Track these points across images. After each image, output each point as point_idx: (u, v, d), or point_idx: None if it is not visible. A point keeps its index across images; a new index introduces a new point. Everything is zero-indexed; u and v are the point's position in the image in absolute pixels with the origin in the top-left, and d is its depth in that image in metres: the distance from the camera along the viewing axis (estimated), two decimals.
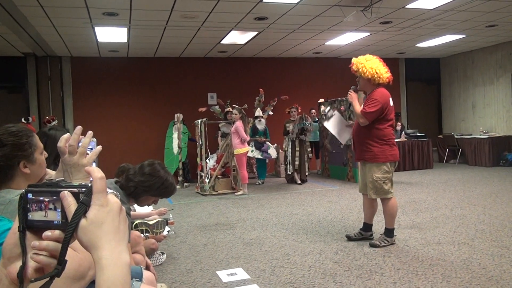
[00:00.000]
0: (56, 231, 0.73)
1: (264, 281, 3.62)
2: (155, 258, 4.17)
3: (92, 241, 0.73)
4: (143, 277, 2.48)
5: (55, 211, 0.73)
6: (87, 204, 0.73)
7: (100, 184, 0.74)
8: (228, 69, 11.44)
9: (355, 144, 4.57)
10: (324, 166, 10.65)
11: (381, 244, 4.39)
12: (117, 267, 0.73)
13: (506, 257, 3.93)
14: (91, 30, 7.90)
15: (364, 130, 4.37)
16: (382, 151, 4.32)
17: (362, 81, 4.46)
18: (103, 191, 0.75)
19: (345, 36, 9.47)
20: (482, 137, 11.29)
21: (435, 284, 3.36)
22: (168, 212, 5.04)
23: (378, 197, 4.40)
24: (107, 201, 0.75)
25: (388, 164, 4.35)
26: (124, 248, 0.75)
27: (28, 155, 1.62)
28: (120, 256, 0.74)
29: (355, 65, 4.44)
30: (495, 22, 8.81)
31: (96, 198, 0.74)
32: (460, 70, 12.75)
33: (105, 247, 0.73)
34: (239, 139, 8.18)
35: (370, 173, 4.36)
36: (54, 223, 0.73)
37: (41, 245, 0.74)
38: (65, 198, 0.73)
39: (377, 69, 4.33)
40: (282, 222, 5.80)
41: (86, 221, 0.72)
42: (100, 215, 0.73)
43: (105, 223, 0.73)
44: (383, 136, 4.34)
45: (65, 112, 10.38)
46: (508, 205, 6.23)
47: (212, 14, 7.18)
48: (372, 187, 4.36)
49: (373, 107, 4.27)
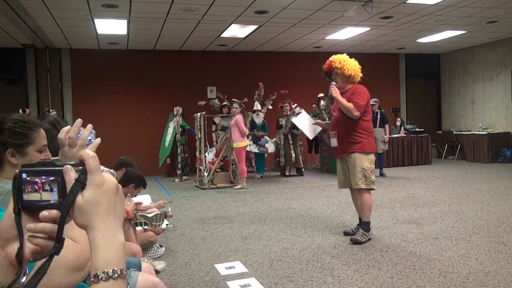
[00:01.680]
0: (53, 211, 0.72)
1: (262, 274, 3.63)
2: (154, 251, 4.19)
3: (87, 221, 0.72)
4: (142, 269, 2.50)
5: (51, 192, 0.72)
6: (82, 182, 0.72)
7: (92, 162, 0.73)
8: (228, 62, 11.41)
9: (340, 138, 4.57)
10: (323, 160, 10.66)
11: (362, 239, 4.38)
12: (112, 247, 0.72)
13: (503, 252, 3.95)
14: (90, 22, 7.86)
15: (352, 123, 4.45)
16: (369, 142, 4.49)
17: (341, 78, 4.56)
18: (97, 170, 0.74)
19: (345, 31, 9.45)
20: (481, 133, 11.31)
21: (432, 279, 3.38)
22: (166, 205, 5.05)
23: (366, 187, 4.43)
24: (102, 180, 0.74)
25: (372, 155, 4.52)
26: (119, 228, 0.75)
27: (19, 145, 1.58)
28: (115, 236, 0.73)
29: (339, 62, 4.54)
30: (496, 18, 8.79)
31: (91, 177, 0.73)
32: (460, 66, 12.73)
33: (100, 227, 0.72)
34: (239, 132, 8.19)
35: (358, 164, 4.40)
36: (51, 202, 0.72)
37: (37, 227, 0.73)
38: (67, 173, 0.72)
39: (356, 67, 4.53)
40: (280, 216, 5.82)
41: (81, 200, 0.72)
42: (96, 194, 0.72)
43: (100, 203, 0.73)
44: (367, 128, 4.51)
45: (64, 104, 10.36)
46: (506, 201, 6.25)
47: (212, 7, 7.15)
48: (362, 177, 4.41)
49: (363, 100, 4.43)
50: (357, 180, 4.43)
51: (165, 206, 4.93)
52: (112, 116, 10.64)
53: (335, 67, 4.55)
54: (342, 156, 4.61)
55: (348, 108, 4.39)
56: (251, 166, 10.24)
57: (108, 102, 10.64)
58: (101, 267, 0.71)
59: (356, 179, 4.44)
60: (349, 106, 4.39)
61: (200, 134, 8.81)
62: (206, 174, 8.51)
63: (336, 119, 4.62)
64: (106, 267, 0.71)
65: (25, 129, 1.60)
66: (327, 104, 10.29)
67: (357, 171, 4.41)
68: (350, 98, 4.45)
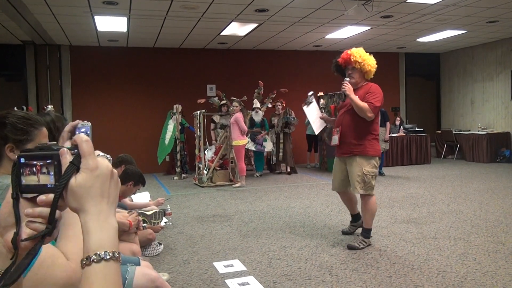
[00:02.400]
0: (50, 195, 0.72)
1: (261, 273, 3.63)
2: (152, 249, 4.19)
3: (79, 204, 0.72)
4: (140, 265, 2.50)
5: (48, 175, 0.72)
6: (77, 165, 0.72)
7: (86, 146, 0.73)
8: (227, 61, 11.40)
9: (344, 138, 4.28)
10: (322, 159, 10.66)
11: (360, 246, 4.17)
12: (104, 230, 0.72)
13: (501, 252, 3.96)
14: (90, 19, 7.85)
15: (358, 123, 4.20)
16: (372, 145, 4.21)
17: (358, 73, 4.32)
18: (91, 154, 0.74)
19: (345, 30, 9.44)
20: (480, 133, 11.32)
21: (430, 278, 3.38)
22: (165, 203, 5.05)
23: (365, 193, 4.19)
24: (96, 165, 0.74)
25: (376, 158, 4.26)
26: (112, 212, 0.75)
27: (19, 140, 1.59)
28: (107, 220, 0.73)
29: (359, 55, 4.28)
30: (496, 18, 8.79)
31: (85, 161, 0.73)
32: (460, 66, 12.73)
33: (92, 210, 0.72)
34: (238, 130, 8.19)
35: (358, 167, 4.16)
36: (48, 186, 0.72)
37: (35, 212, 0.73)
38: (64, 155, 0.72)
39: (373, 62, 4.34)
40: (279, 214, 5.82)
41: (75, 183, 0.72)
42: (89, 178, 0.72)
43: (93, 187, 0.73)
44: (374, 131, 4.27)
45: (64, 101, 10.35)
46: (504, 201, 6.26)
47: (212, 5, 7.14)
48: (360, 182, 4.15)
49: (378, 101, 4.16)
50: (356, 185, 4.19)
51: (164, 204, 4.93)
52: (112, 113, 10.63)
53: (354, 61, 4.25)
54: (343, 157, 4.35)
55: (362, 108, 4.10)
56: (250, 164, 10.24)
57: (108, 99, 10.63)
58: (93, 250, 0.71)
59: (354, 184, 4.20)
60: (364, 107, 4.09)
61: (200, 132, 8.81)
62: (205, 172, 8.51)
63: (342, 117, 4.35)
64: (98, 249, 0.71)
65: (27, 126, 1.61)
66: (327, 102, 10.31)
67: (356, 175, 4.17)
68: (365, 97, 4.17)
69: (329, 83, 11.83)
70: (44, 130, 1.67)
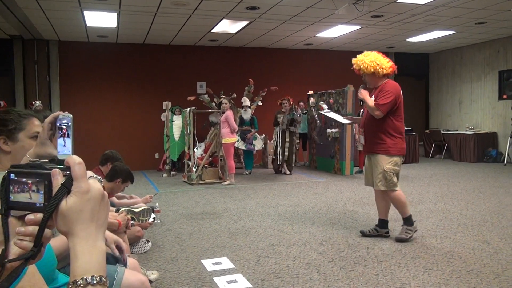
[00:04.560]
0: (39, 214, 0.72)
1: (249, 270, 3.64)
2: (140, 246, 4.17)
3: (68, 227, 0.72)
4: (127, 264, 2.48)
5: (38, 193, 0.72)
6: (68, 188, 0.72)
7: (78, 169, 0.73)
8: (218, 58, 11.37)
9: (366, 137, 4.54)
10: (312, 158, 10.70)
11: (407, 236, 4.32)
12: (92, 254, 0.72)
13: (486, 251, 4.01)
14: (79, 14, 7.77)
15: (378, 123, 4.33)
16: (395, 143, 4.32)
17: (368, 77, 4.42)
18: (83, 177, 0.73)
19: (336, 29, 9.47)
20: (467, 133, 11.45)
21: (417, 276, 3.42)
22: (154, 200, 5.03)
23: (386, 189, 4.33)
24: (87, 188, 0.73)
25: (399, 157, 4.36)
26: (100, 236, 0.74)
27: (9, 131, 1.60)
28: (96, 244, 0.73)
29: (356, 64, 4.41)
30: (484, 20, 8.88)
31: (76, 184, 0.72)
32: (448, 66, 12.85)
33: (81, 234, 0.72)
34: (228, 128, 8.17)
35: (380, 165, 4.31)
36: (36, 205, 0.72)
37: (27, 230, 0.72)
38: (55, 176, 0.72)
39: (377, 60, 4.31)
40: (268, 212, 5.83)
41: (65, 206, 0.71)
42: (80, 202, 0.72)
43: (83, 211, 0.72)
44: (396, 129, 4.34)
45: (52, 96, 10.24)
46: (490, 200, 6.34)
47: (203, 1, 7.11)
48: (382, 179, 4.31)
49: (387, 98, 4.25)
50: (377, 182, 4.36)
51: (153, 201, 4.91)
52: (100, 109, 10.55)
53: (358, 69, 4.41)
54: (368, 155, 4.56)
55: (371, 108, 4.29)
56: (240, 162, 10.24)
57: (96, 95, 10.54)
58: (80, 274, 0.70)
59: (376, 180, 4.37)
60: (372, 106, 4.28)
61: (189, 129, 8.78)
62: (194, 169, 8.49)
63: (365, 117, 4.52)
64: (85, 273, 0.70)
65: (15, 117, 1.62)
66: (317, 101, 10.35)
67: (378, 172, 4.33)
68: (377, 96, 4.33)
69: (319, 81, 11.89)
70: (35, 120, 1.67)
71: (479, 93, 11.91)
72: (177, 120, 9.87)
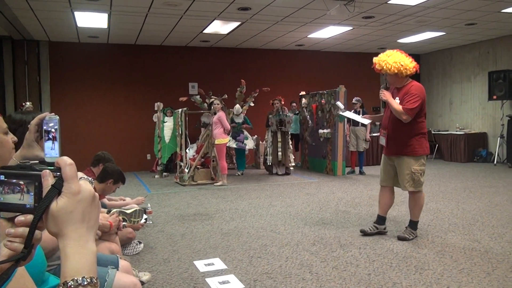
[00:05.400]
0: (29, 216, 0.71)
1: (241, 271, 3.64)
2: (132, 248, 4.15)
3: (59, 229, 0.71)
4: (119, 266, 2.47)
5: (28, 194, 0.71)
6: (59, 189, 0.71)
7: (69, 170, 0.72)
8: (210, 59, 11.36)
9: (390, 139, 4.40)
10: (304, 158, 10.72)
11: (410, 237, 4.37)
12: (83, 255, 0.72)
13: (477, 250, 4.05)
14: (70, 14, 7.72)
15: (404, 125, 4.26)
16: (420, 144, 4.31)
17: (389, 77, 4.38)
18: (74, 178, 0.72)
19: (327, 30, 9.51)
20: (458, 133, 11.55)
21: (408, 276, 3.44)
22: (146, 201, 5.01)
23: (414, 190, 4.34)
24: (78, 189, 0.72)
25: (424, 156, 4.38)
26: (91, 237, 0.74)
27: None
28: (86, 245, 0.73)
29: (378, 64, 4.35)
30: (474, 21, 8.97)
31: (67, 186, 0.72)
32: (439, 67, 12.95)
33: (71, 236, 0.71)
34: (221, 129, 8.16)
35: (407, 166, 4.29)
36: (26, 206, 0.71)
37: (17, 232, 0.72)
38: (45, 177, 0.71)
39: (401, 61, 4.25)
40: (260, 213, 5.83)
41: (56, 207, 0.70)
42: (70, 203, 0.71)
43: (74, 212, 0.71)
44: (421, 129, 4.33)
45: (42, 97, 10.16)
46: (480, 200, 6.40)
47: (195, 2, 7.10)
48: (410, 179, 4.30)
49: (415, 103, 4.19)
50: (405, 183, 4.33)
51: (145, 202, 4.89)
52: (92, 110, 10.49)
53: (380, 68, 4.34)
54: (391, 157, 4.47)
55: (397, 111, 4.22)
56: (232, 163, 10.23)
57: (88, 96, 10.48)
58: (71, 275, 0.70)
59: (404, 182, 4.34)
60: (399, 110, 4.21)
61: (181, 130, 8.75)
62: (186, 170, 8.46)
63: (388, 118, 4.43)
64: (75, 275, 0.70)
65: None
66: (309, 102, 10.37)
67: (405, 173, 4.31)
68: (403, 99, 4.26)
69: (311, 82, 11.93)
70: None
71: (469, 93, 12.02)
72: (168, 122, 9.83)
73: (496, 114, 11.09)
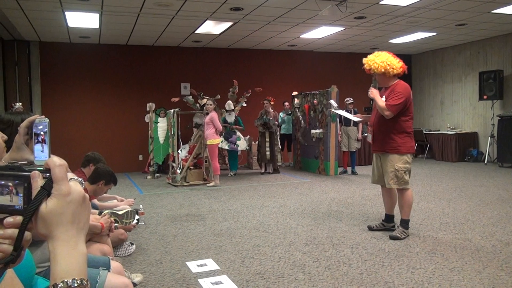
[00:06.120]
0: (18, 217, 0.70)
1: (234, 271, 3.63)
2: (124, 249, 4.13)
3: (49, 230, 0.70)
4: (110, 267, 2.46)
5: (17, 196, 0.71)
6: (48, 190, 0.70)
7: (59, 171, 0.71)
8: (202, 59, 11.34)
9: (376, 136, 4.58)
10: (296, 158, 10.73)
11: (402, 236, 4.43)
12: (73, 257, 0.71)
13: (468, 248, 4.08)
14: (61, 14, 7.67)
15: (388, 122, 4.42)
16: (404, 142, 4.42)
17: (378, 77, 4.54)
18: (63, 179, 0.72)
19: (320, 30, 9.53)
20: (449, 133, 11.63)
21: (400, 275, 3.45)
22: (138, 202, 4.99)
23: (398, 187, 4.46)
24: (68, 190, 0.72)
25: (408, 155, 4.47)
26: (81, 239, 0.73)
27: None
28: (76, 246, 0.72)
29: (367, 64, 4.51)
30: (465, 21, 9.04)
31: (57, 187, 0.71)
32: (430, 67, 13.04)
33: (61, 237, 0.70)
34: (213, 129, 8.14)
35: (391, 164, 4.42)
36: (15, 207, 0.71)
37: (6, 233, 0.71)
38: (35, 179, 0.70)
39: (388, 61, 4.42)
40: (253, 213, 5.83)
41: (45, 209, 0.70)
42: (60, 205, 0.70)
43: (64, 214, 0.71)
44: (406, 128, 4.45)
45: (33, 98, 10.07)
46: (471, 199, 6.45)
47: (187, 2, 7.08)
48: (393, 177, 4.42)
49: (398, 99, 4.35)
50: (388, 180, 4.46)
51: (136, 203, 4.87)
52: (83, 111, 10.42)
53: (368, 68, 4.51)
54: (377, 153, 4.64)
55: (381, 107, 4.39)
56: (225, 163, 10.22)
57: (79, 97, 10.41)
58: (61, 277, 0.69)
59: (388, 179, 4.47)
60: (382, 106, 4.37)
61: (173, 131, 8.73)
62: (179, 171, 8.44)
63: (374, 117, 4.61)
64: (65, 276, 0.69)
65: None
66: (301, 102, 10.39)
67: (389, 171, 4.43)
68: (388, 96, 4.43)
69: (303, 82, 11.95)
70: None
71: (460, 93, 12.11)
72: (161, 123, 9.80)
73: (487, 114, 11.19)
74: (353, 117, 5.67)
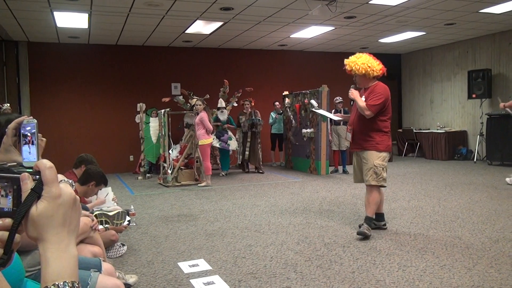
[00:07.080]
0: (7, 219, 0.70)
1: (226, 272, 3.63)
2: (115, 250, 4.10)
3: (39, 233, 0.70)
4: (102, 269, 2.44)
5: (6, 198, 0.70)
6: (39, 193, 0.70)
7: (49, 174, 0.71)
8: (192, 59, 11.30)
9: (355, 134, 4.68)
10: (288, 158, 10.75)
11: (368, 233, 4.47)
12: (64, 259, 0.70)
13: (458, 246, 4.11)
14: (50, 14, 7.60)
15: (367, 122, 4.54)
16: (382, 140, 4.55)
17: (358, 78, 4.64)
18: (54, 181, 0.71)
19: (310, 30, 9.55)
20: (438, 131, 11.73)
21: (391, 273, 3.47)
22: (129, 203, 4.96)
23: (377, 184, 4.53)
24: (59, 192, 0.71)
25: (386, 153, 4.59)
26: (72, 241, 0.73)
27: None
28: (67, 249, 0.71)
29: (348, 65, 4.62)
30: (453, 21, 9.12)
31: (47, 189, 0.70)
32: (419, 66, 13.14)
33: (52, 240, 0.70)
34: (203, 129, 8.12)
35: (370, 161, 4.51)
36: (4, 210, 0.70)
37: None
38: (24, 181, 0.70)
39: (369, 63, 4.54)
40: (244, 213, 5.83)
41: (36, 212, 0.69)
42: (51, 207, 0.70)
43: (55, 216, 0.70)
44: (384, 128, 4.58)
45: (22, 99, 9.97)
46: (461, 197, 6.51)
47: (176, 2, 7.06)
48: (372, 173, 4.51)
49: (378, 100, 4.48)
50: (367, 177, 4.55)
51: (128, 204, 4.84)
52: (73, 112, 10.34)
53: (349, 69, 4.62)
54: (356, 151, 4.74)
55: (361, 107, 4.50)
56: (216, 163, 10.20)
57: (68, 97, 10.32)
58: (52, 280, 0.69)
59: (366, 176, 4.56)
60: (363, 106, 4.49)
61: (164, 131, 8.69)
62: (170, 171, 8.41)
63: (354, 116, 4.72)
64: (56, 279, 0.69)
65: None
66: (292, 102, 10.41)
67: (368, 167, 4.53)
68: (368, 97, 4.54)
69: (294, 82, 11.97)
70: None
71: (449, 92, 12.22)
72: (153, 123, 9.76)
73: (476, 112, 11.30)
74: (333, 116, 5.78)
